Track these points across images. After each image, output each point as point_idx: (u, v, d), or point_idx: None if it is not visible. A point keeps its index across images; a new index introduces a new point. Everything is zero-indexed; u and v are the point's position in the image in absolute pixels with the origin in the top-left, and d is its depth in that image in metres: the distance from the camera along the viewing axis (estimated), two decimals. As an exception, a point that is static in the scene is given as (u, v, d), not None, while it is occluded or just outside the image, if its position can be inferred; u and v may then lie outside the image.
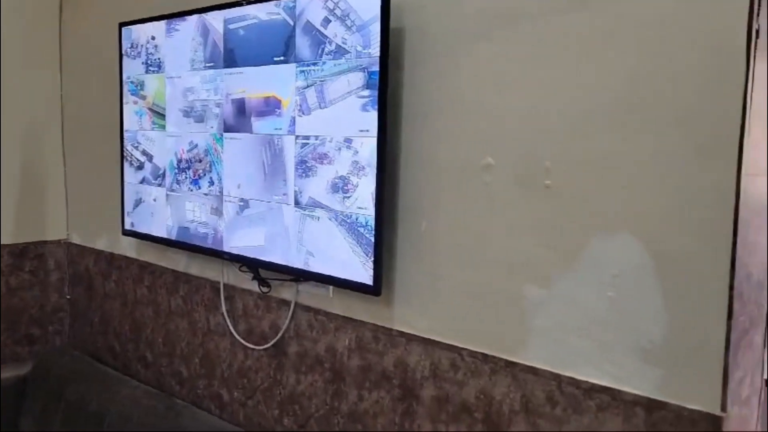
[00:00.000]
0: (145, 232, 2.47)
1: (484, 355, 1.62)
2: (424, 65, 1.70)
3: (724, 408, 1.26)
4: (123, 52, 2.48)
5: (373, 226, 1.67)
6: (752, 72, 1.19)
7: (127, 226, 2.57)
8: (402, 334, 1.79)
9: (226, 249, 2.12)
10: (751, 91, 1.19)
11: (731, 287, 1.23)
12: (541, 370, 1.51)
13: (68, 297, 3.23)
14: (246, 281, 2.21)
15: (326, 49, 1.74)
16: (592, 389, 1.42)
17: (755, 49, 1.19)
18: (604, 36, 1.38)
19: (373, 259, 1.68)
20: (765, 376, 1.46)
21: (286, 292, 2.10)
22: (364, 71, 1.66)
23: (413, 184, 1.75)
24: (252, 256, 2.02)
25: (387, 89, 1.64)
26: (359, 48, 1.66)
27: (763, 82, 1.25)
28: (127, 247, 2.80)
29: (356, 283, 1.73)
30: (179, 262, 2.53)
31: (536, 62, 1.49)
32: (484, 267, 1.61)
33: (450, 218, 1.68)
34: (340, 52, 1.71)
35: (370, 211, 1.67)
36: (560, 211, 1.47)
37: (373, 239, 1.68)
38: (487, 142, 1.59)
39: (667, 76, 1.30)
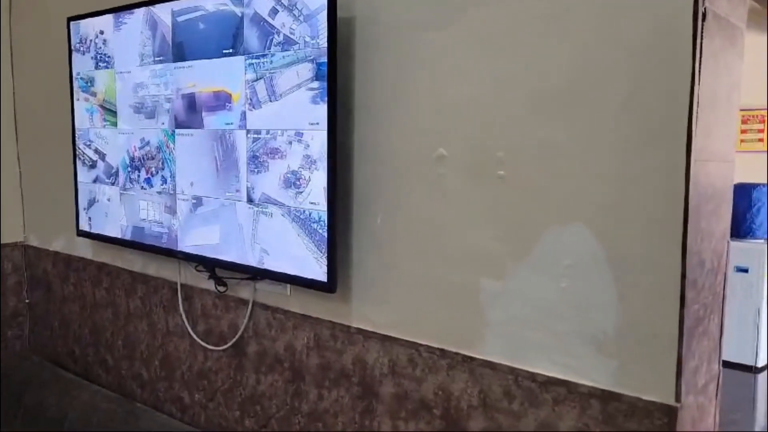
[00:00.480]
0: (99, 232, 2.40)
1: (442, 351, 1.59)
2: (376, 55, 1.66)
3: (678, 398, 1.25)
4: (72, 47, 2.40)
5: (326, 221, 1.63)
6: (699, 56, 1.17)
7: (82, 227, 2.50)
8: (360, 331, 1.76)
9: (180, 248, 2.06)
10: (699, 75, 1.17)
11: (683, 275, 1.21)
12: (498, 364, 1.48)
13: (27, 301, 3.14)
14: (204, 281, 2.16)
15: (275, 40, 1.69)
16: (548, 382, 1.40)
17: (702, 32, 1.17)
18: (551, 22, 1.35)
19: (326, 255, 1.64)
20: (721, 363, 1.45)
21: (244, 290, 2.05)
22: (313, 62, 1.61)
23: (367, 178, 1.71)
24: (207, 255, 1.97)
25: (336, 81, 1.59)
26: (307, 38, 1.61)
27: (714, 66, 1.23)
28: (84, 249, 2.72)
29: (311, 280, 1.68)
30: (136, 262, 2.46)
31: (486, 50, 1.46)
32: (440, 260, 1.58)
33: (405, 211, 1.64)
34: (288, 43, 1.66)
35: (322, 206, 1.63)
36: (513, 202, 1.44)
37: (326, 235, 1.63)
38: (440, 133, 1.56)
39: (614, 61, 1.27)
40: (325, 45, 1.58)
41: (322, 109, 1.60)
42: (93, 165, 2.39)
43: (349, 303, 1.78)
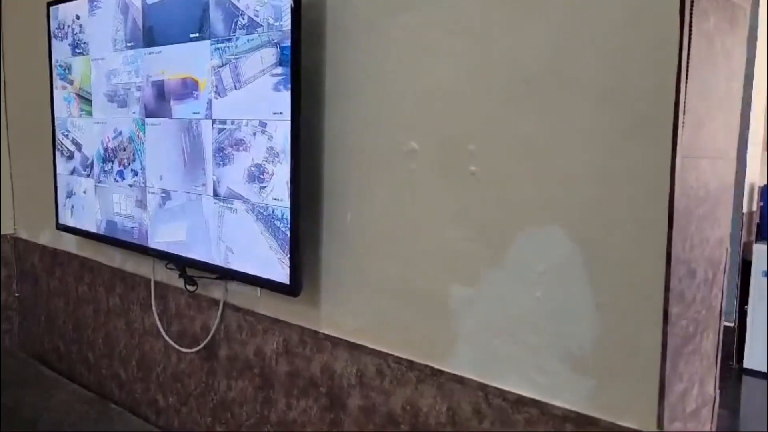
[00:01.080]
0: (76, 226, 2.32)
1: (410, 362, 1.45)
2: (348, 40, 1.53)
3: (660, 425, 1.10)
4: (51, 33, 2.32)
5: (289, 219, 1.51)
6: (688, 37, 1.01)
7: (61, 220, 2.41)
8: (328, 337, 1.63)
9: (151, 245, 1.96)
10: (688, 59, 1.02)
11: (667, 287, 1.06)
12: (468, 379, 1.35)
13: (17, 295, 3.08)
14: (177, 279, 2.05)
15: (239, 23, 1.57)
16: (520, 402, 1.26)
17: (692, 9, 1.01)
18: (529, 5, 1.21)
19: (289, 256, 1.52)
20: (717, 387, 1.29)
21: (217, 290, 1.94)
22: (276, 47, 1.49)
23: (337, 172, 1.58)
24: (175, 252, 1.86)
25: (300, 66, 1.47)
26: (271, 20, 1.49)
27: (708, 49, 1.08)
28: (69, 243, 2.64)
29: (274, 282, 1.56)
30: (115, 258, 2.37)
31: (461, 35, 1.32)
32: (410, 263, 1.45)
33: (375, 209, 1.51)
34: (252, 25, 1.54)
35: (285, 203, 1.51)
36: (485, 201, 1.30)
37: (288, 234, 1.51)
38: (411, 125, 1.42)
39: (594, 45, 1.12)
40: (289, 27, 1.45)
41: (286, 98, 1.48)
42: (71, 156, 2.30)
43: (318, 307, 1.66)
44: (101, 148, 2.12)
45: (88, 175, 2.20)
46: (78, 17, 2.15)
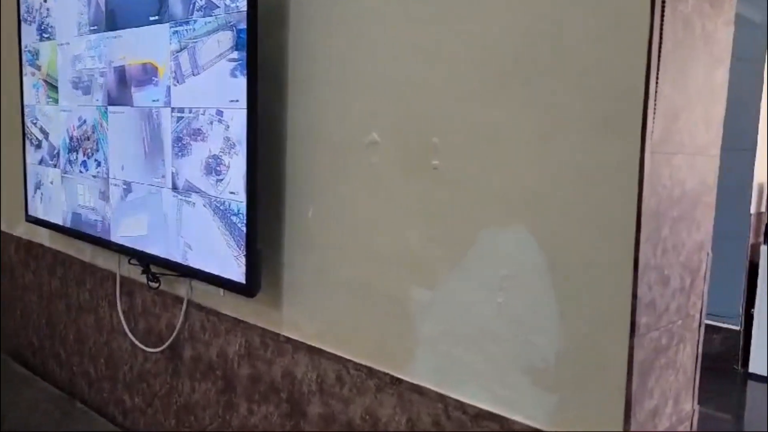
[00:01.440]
0: (45, 218, 2.24)
1: (370, 370, 1.36)
2: (311, 24, 1.44)
3: (627, 446, 1.00)
4: (20, 17, 2.23)
5: (245, 214, 1.42)
6: (660, 19, 0.91)
7: (31, 212, 2.33)
8: (289, 340, 1.54)
9: (113, 239, 1.87)
10: (660, 43, 0.92)
11: (634, 295, 0.96)
12: (427, 389, 1.25)
13: (-5, 288, 3.02)
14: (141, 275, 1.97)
15: (197, 4, 1.48)
16: (480, 416, 1.16)
17: (663, 2, 0.91)
18: (494, -21, 1.11)
19: (245, 253, 1.43)
20: (697, 402, 1.19)
21: (181, 287, 1.85)
22: (233, 29, 1.39)
23: (300, 164, 1.49)
24: (137, 247, 1.78)
25: (257, 50, 1.37)
26: (228, 1, 1.40)
27: (685, 33, 0.98)
28: (43, 235, 2.56)
29: (230, 281, 1.47)
30: (85, 252, 2.29)
31: (427, 22, 1.22)
32: (370, 263, 1.35)
33: (337, 205, 1.42)
34: (210, 7, 1.45)
35: (241, 197, 1.42)
36: (448, 199, 1.20)
37: (245, 230, 1.42)
38: (373, 115, 1.33)
39: (563, 36, 1.02)
40: (245, 8, 1.36)
41: (243, 84, 1.38)
42: (39, 145, 2.22)
43: (279, 308, 1.56)
44: (67, 137, 2.03)
45: (55, 165, 2.12)
46: (45, 0, 2.07)
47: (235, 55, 1.39)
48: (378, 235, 1.33)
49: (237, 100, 1.40)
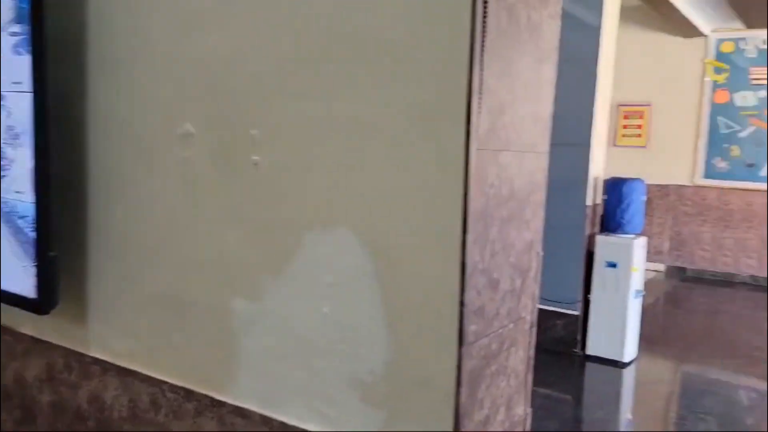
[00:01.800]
0: None
1: (188, 392, 1.21)
2: (116, -3, 1.25)
3: (457, 462, 0.93)
4: None
5: (33, 217, 1.20)
6: (483, 12, 0.84)
7: None
8: (96, 361, 1.34)
9: None
10: (483, 38, 0.85)
11: (461, 302, 0.89)
12: (251, 411, 1.12)
13: None
14: None
15: (-29, -32, 1.23)
16: (306, 438, 1.05)
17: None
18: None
19: (35, 263, 1.21)
20: (529, 406, 1.16)
21: (-30, 303, 1.57)
22: (14, -2, 1.17)
23: (105, 159, 1.29)
24: None
25: (44, 23, 1.16)
26: (7, -35, 1.18)
27: (509, 25, 0.92)
28: None
29: (16, 296, 1.25)
30: None
31: (240, -7, 1.08)
32: (187, 271, 1.20)
33: (147, 205, 1.24)
34: (-14, -29, 1.21)
35: (29, 196, 1.20)
36: (270, 197, 1.08)
37: (34, 234, 1.20)
38: (186, 102, 1.17)
39: (379, 19, 0.93)
40: (26, -26, 1.14)
41: (27, 63, 1.17)
42: None
43: (84, 325, 1.36)
44: None
45: None
46: None
47: (17, 28, 1.17)
48: (195, 239, 1.18)
49: (20, 82, 1.18)
